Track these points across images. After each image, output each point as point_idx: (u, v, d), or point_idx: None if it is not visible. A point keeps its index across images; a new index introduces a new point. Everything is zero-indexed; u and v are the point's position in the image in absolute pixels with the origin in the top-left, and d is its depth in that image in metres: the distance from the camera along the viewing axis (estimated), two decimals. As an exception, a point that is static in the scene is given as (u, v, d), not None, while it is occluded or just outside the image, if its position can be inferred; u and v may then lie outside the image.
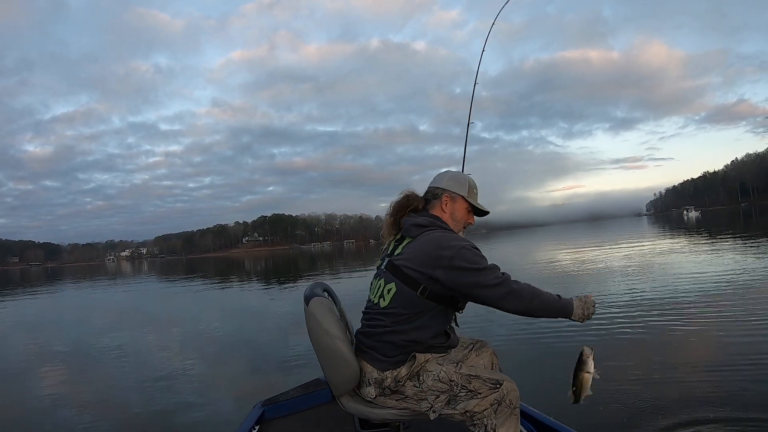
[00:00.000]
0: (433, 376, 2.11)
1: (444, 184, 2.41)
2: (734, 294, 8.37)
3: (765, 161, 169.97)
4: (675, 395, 4.09)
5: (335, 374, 2.19)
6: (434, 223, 2.28)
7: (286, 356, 6.96)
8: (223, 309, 13.74)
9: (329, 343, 2.15)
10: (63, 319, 14.50)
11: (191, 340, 8.99)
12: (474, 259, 2.10)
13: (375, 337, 2.19)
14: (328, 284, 2.60)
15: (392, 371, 2.14)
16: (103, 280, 40.05)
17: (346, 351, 2.16)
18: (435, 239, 2.17)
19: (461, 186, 2.40)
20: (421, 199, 2.42)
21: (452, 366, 2.14)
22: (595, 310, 2.22)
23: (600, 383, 2.20)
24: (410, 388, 2.14)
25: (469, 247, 2.13)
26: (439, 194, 2.39)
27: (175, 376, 6.44)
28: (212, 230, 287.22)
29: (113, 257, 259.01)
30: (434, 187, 2.43)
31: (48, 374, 7.21)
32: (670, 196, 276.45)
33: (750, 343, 5.45)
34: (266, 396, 3.61)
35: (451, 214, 2.38)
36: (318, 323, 2.18)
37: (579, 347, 2.19)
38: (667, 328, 6.50)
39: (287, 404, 3.45)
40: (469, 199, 2.40)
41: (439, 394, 2.11)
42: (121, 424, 4.87)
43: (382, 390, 2.16)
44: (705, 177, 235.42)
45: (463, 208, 2.40)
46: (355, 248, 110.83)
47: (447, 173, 2.48)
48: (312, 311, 2.21)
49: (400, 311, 2.15)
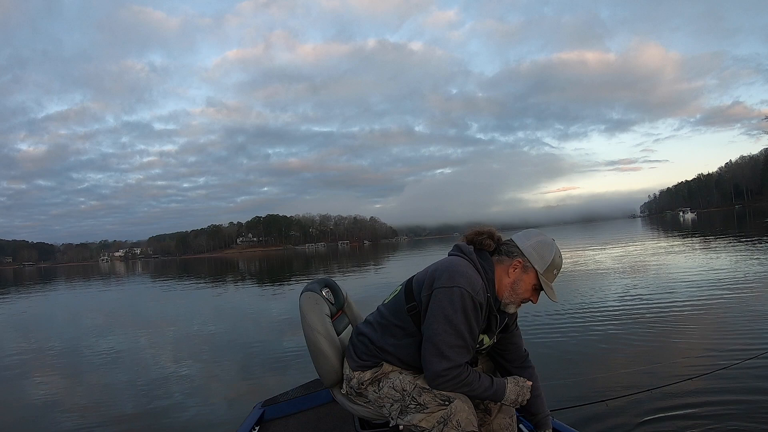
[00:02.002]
0: (389, 384, 2.08)
1: (524, 246, 2.09)
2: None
3: (759, 163, 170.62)
4: (674, 395, 4.08)
5: (317, 366, 2.33)
6: (471, 255, 2.08)
7: (285, 357, 6.93)
8: (220, 310, 13.67)
9: (310, 335, 2.31)
10: (56, 320, 14.40)
11: (189, 341, 8.93)
12: (449, 313, 1.91)
13: (361, 335, 2.20)
14: (332, 280, 2.63)
15: (359, 373, 2.14)
16: (97, 280, 39.84)
17: (324, 345, 2.28)
18: (449, 263, 2.03)
19: (542, 261, 2.06)
20: (491, 243, 2.14)
21: (411, 376, 2.07)
22: (530, 395, 2.12)
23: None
24: (371, 393, 2.13)
25: (465, 293, 1.92)
26: (514, 255, 2.09)
27: (174, 377, 6.40)
28: (206, 231, 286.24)
29: (107, 257, 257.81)
30: (513, 244, 2.12)
31: (40, 377, 7.12)
32: (664, 197, 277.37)
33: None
34: (266, 396, 3.62)
35: (513, 283, 2.08)
36: (303, 316, 2.35)
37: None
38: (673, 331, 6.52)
39: (287, 405, 3.44)
40: (543, 278, 2.06)
41: (393, 402, 2.06)
42: (121, 424, 4.82)
43: (350, 389, 2.19)
44: (699, 179, 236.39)
45: (530, 284, 2.08)
46: (350, 249, 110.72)
47: (535, 236, 2.14)
48: (300, 305, 2.39)
49: (387, 315, 2.14)
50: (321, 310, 2.36)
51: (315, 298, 2.40)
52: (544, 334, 6.62)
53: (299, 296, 2.43)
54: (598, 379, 4.65)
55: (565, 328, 6.91)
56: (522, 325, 2.40)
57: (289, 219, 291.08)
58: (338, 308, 2.57)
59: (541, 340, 6.37)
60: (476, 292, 1.94)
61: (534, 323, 7.25)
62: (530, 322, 7.28)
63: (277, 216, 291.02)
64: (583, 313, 7.91)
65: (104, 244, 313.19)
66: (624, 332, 6.43)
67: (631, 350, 5.62)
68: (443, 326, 1.91)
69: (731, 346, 5.34)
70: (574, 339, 6.30)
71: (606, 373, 4.82)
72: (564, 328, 6.95)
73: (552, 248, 2.08)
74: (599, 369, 5.02)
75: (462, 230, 2.31)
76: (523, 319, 7.33)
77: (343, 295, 2.63)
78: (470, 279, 1.96)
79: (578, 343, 6.11)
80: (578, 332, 6.62)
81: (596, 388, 4.35)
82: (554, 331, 6.76)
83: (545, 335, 6.57)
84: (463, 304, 1.91)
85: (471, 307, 1.92)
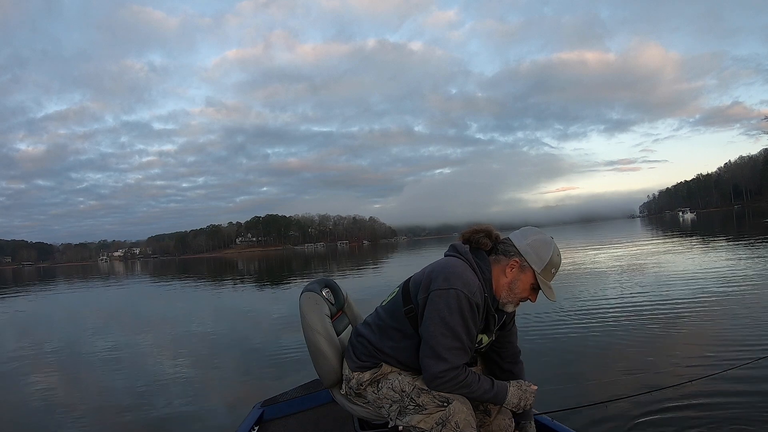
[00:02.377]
0: (388, 385, 2.07)
1: (521, 246, 2.05)
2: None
3: (758, 164, 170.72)
4: (675, 397, 4.08)
5: (317, 366, 2.32)
6: (467, 255, 2.06)
7: (285, 357, 6.92)
8: (219, 310, 13.66)
9: (310, 336, 2.30)
10: (55, 319, 14.34)
11: (189, 341, 8.91)
12: (446, 315, 1.90)
13: (360, 336, 2.20)
14: (332, 280, 2.62)
15: (358, 373, 2.14)
16: (97, 280, 39.78)
17: (324, 345, 2.27)
18: (445, 265, 2.02)
19: (539, 260, 2.02)
20: (488, 242, 2.10)
21: (410, 377, 2.06)
22: (534, 401, 2.08)
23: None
24: (370, 393, 2.13)
25: (462, 294, 1.91)
26: (511, 254, 2.06)
27: (174, 376, 6.38)
28: (205, 231, 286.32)
29: (106, 257, 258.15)
30: (510, 243, 2.08)
31: (39, 378, 7.09)
32: (663, 198, 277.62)
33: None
34: (265, 396, 3.62)
35: (510, 283, 2.06)
36: (303, 316, 2.34)
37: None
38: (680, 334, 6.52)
39: (287, 405, 3.44)
40: (540, 277, 2.03)
41: (392, 403, 2.06)
42: (121, 424, 4.82)
43: (349, 389, 2.18)
44: (698, 179, 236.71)
45: (527, 283, 2.05)
46: (349, 249, 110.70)
47: (533, 234, 2.09)
48: (300, 305, 2.38)
49: (385, 317, 2.13)
50: (321, 311, 2.35)
51: (315, 299, 2.39)
52: (542, 336, 6.60)
53: (299, 296, 2.41)
54: (597, 381, 4.64)
55: (565, 329, 6.90)
56: (520, 327, 2.39)
57: (289, 219, 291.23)
58: (338, 308, 2.55)
59: (540, 341, 6.36)
60: (473, 293, 1.93)
61: (532, 325, 7.23)
62: (529, 323, 7.27)
63: (276, 216, 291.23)
64: (582, 314, 7.90)
65: (103, 244, 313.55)
66: (623, 334, 6.41)
67: (631, 351, 5.59)
68: (440, 329, 1.90)
69: (733, 349, 5.32)
70: (573, 340, 6.29)
71: (605, 375, 4.80)
72: (563, 329, 6.93)
73: (550, 247, 2.05)
74: (599, 371, 5.01)
75: (461, 230, 2.26)
76: (522, 319, 7.35)
77: (343, 296, 2.62)
78: (466, 280, 1.94)
79: (577, 344, 6.09)
80: (577, 333, 6.61)
81: (596, 389, 4.35)
82: (553, 333, 6.74)
83: (544, 337, 6.56)
84: (459, 306, 1.90)
85: (468, 308, 1.91)
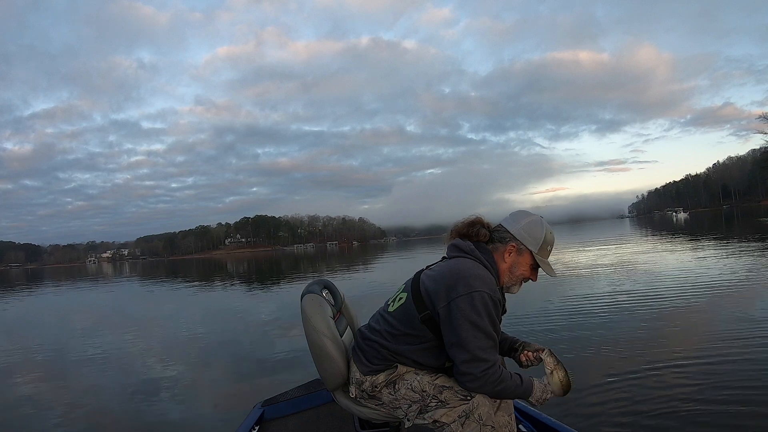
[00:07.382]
0: (407, 386, 2.08)
1: (515, 230, 2.12)
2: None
3: (746, 164, 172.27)
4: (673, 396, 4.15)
5: (321, 369, 2.27)
6: (474, 252, 2.09)
7: (284, 356, 6.93)
8: (215, 311, 13.58)
9: (315, 338, 2.24)
10: (48, 322, 14.24)
11: (188, 342, 8.88)
12: (475, 318, 1.92)
13: (368, 340, 2.17)
14: (330, 281, 2.61)
15: (371, 377, 2.13)
16: (85, 281, 39.40)
17: (331, 348, 2.23)
18: (459, 268, 2.01)
19: (534, 241, 2.10)
20: (486, 232, 2.16)
21: (428, 377, 2.07)
22: (551, 398, 2.14)
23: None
24: (386, 395, 2.13)
25: (485, 295, 1.94)
26: (506, 240, 2.12)
27: (174, 377, 6.39)
28: (194, 232, 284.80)
29: (94, 259, 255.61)
30: (504, 229, 2.15)
31: (36, 383, 7.05)
32: (652, 198, 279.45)
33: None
34: (266, 396, 3.63)
35: (510, 267, 2.12)
36: (306, 319, 2.27)
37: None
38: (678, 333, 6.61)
39: (287, 404, 3.46)
40: (538, 256, 2.11)
41: (411, 404, 2.06)
42: (121, 424, 4.83)
43: (361, 392, 2.17)
44: (687, 179, 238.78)
45: (527, 264, 2.12)
46: (339, 250, 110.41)
47: (524, 217, 2.16)
48: (303, 307, 2.31)
49: (397, 325, 2.10)
50: (324, 313, 2.31)
51: (318, 300, 2.34)
52: (535, 333, 6.64)
53: (300, 298, 2.36)
54: (589, 378, 4.67)
55: (556, 327, 6.92)
56: (513, 325, 2.45)
57: (278, 220, 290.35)
58: (337, 309, 2.53)
59: (533, 339, 6.40)
60: (493, 291, 1.96)
61: (525, 322, 7.26)
62: (522, 321, 7.28)
63: (265, 217, 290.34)
64: (573, 312, 7.94)
65: (92, 246, 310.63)
66: (616, 330, 6.47)
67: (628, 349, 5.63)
68: (473, 332, 1.91)
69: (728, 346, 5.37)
70: (565, 337, 6.31)
71: (597, 372, 4.84)
72: (555, 326, 6.95)
73: (542, 226, 2.13)
74: (591, 368, 5.05)
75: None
76: (518, 319, 7.41)
77: (341, 296, 2.61)
78: (484, 279, 1.97)
79: (570, 341, 6.11)
80: (568, 331, 6.63)
81: (594, 388, 4.35)
82: (544, 330, 6.76)
83: (536, 333, 6.59)
84: (485, 307, 1.93)
85: (492, 306, 1.95)
